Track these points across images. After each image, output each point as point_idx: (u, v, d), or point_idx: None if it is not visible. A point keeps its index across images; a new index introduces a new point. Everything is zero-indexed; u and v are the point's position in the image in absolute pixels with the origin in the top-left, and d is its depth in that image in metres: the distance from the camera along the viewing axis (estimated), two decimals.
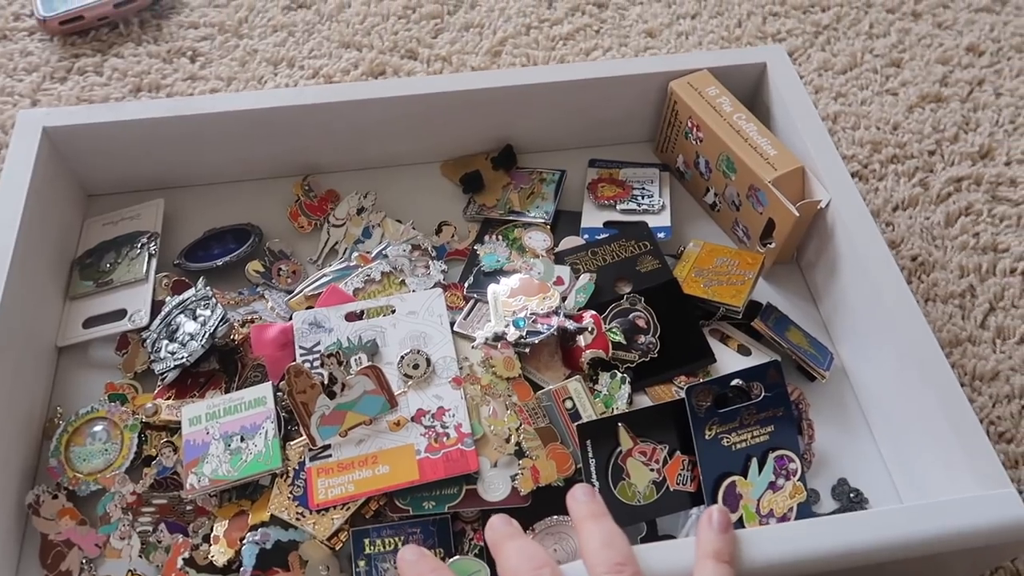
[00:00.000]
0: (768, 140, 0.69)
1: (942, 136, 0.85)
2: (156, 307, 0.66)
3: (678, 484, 0.56)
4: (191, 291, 0.65)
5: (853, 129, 0.85)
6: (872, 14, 0.97)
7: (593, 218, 0.73)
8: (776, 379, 0.57)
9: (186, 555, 0.54)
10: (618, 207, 0.73)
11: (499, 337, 0.62)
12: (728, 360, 0.64)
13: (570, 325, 0.62)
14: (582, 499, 0.48)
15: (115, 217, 0.72)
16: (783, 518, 0.56)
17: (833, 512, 0.59)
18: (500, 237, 0.71)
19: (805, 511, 0.57)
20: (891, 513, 0.49)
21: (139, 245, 0.69)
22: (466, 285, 0.68)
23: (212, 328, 0.61)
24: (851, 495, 0.60)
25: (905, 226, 0.78)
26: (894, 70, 0.92)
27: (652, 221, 0.72)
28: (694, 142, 0.73)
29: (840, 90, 0.89)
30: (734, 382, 0.57)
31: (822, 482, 0.61)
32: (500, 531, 0.47)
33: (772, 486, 0.56)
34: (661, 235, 0.70)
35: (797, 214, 0.65)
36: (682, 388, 0.62)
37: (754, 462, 0.56)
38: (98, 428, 0.60)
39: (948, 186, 0.81)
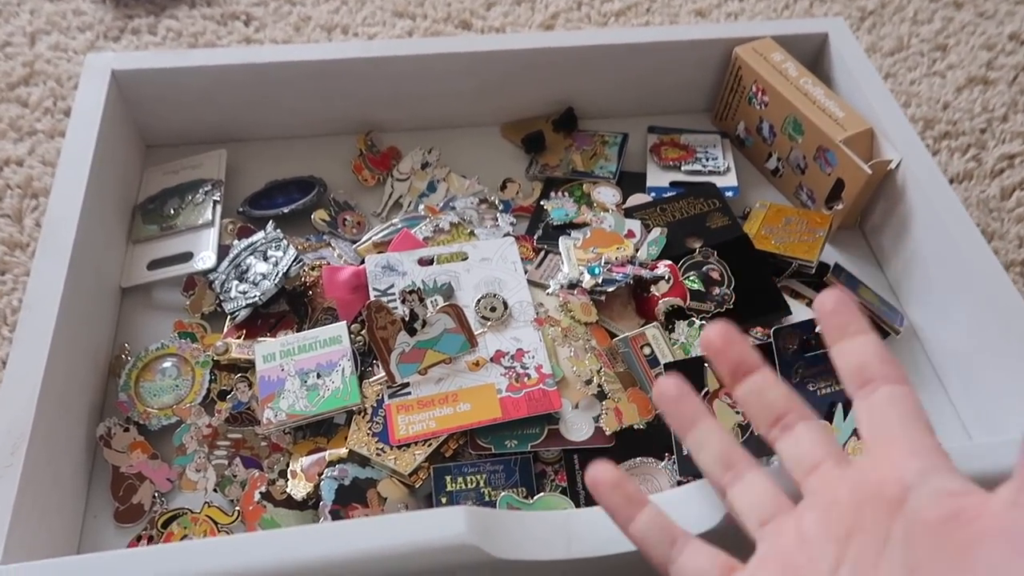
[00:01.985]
0: (835, 103, 0.69)
1: (992, 116, 0.86)
2: (222, 252, 0.65)
3: None
4: (260, 234, 0.64)
5: (904, 107, 0.86)
6: (915, 2, 0.98)
7: (659, 178, 0.73)
8: None
9: (263, 489, 0.53)
10: (683, 168, 0.73)
11: (574, 284, 0.62)
12: (801, 315, 0.64)
13: (646, 274, 0.62)
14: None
15: (176, 167, 0.72)
16: None
17: None
18: (567, 193, 0.71)
19: None
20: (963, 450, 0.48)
21: (203, 192, 0.68)
22: (536, 238, 0.67)
23: (286, 267, 0.60)
24: None
25: (962, 198, 0.78)
26: (940, 54, 0.93)
27: (719, 182, 0.71)
28: (758, 107, 0.74)
29: (889, 71, 0.90)
30: (819, 328, 0.57)
31: None
32: None
33: (856, 434, 0.56)
34: (729, 194, 0.70)
35: (869, 172, 0.65)
36: (758, 338, 0.62)
37: (839, 408, 0.56)
38: (168, 364, 0.59)
39: (1001, 162, 0.82)
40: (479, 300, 0.60)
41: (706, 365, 0.55)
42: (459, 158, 0.75)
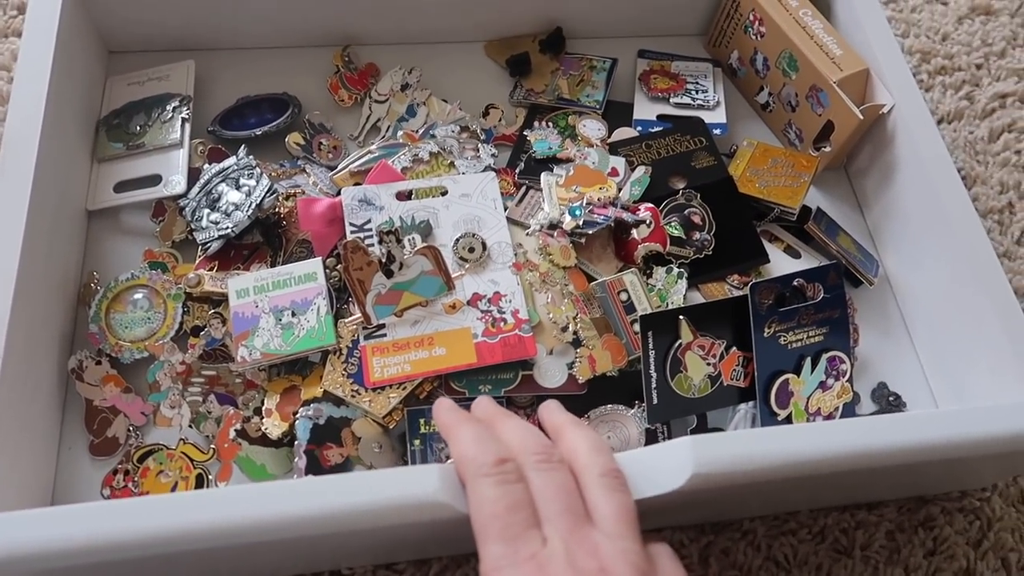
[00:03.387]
0: (834, 39, 0.67)
1: (990, 50, 0.83)
2: (192, 174, 0.62)
3: (732, 379, 0.56)
4: (232, 159, 0.62)
5: (903, 37, 0.83)
6: None
7: (646, 110, 0.70)
8: (835, 281, 0.57)
9: (238, 427, 0.54)
10: (672, 100, 0.71)
11: (554, 225, 0.61)
12: (778, 261, 0.64)
13: (627, 217, 0.61)
14: (556, 408, 0.47)
15: (141, 77, 0.68)
16: (828, 417, 0.57)
17: (873, 414, 0.61)
18: (551, 124, 0.69)
19: (849, 411, 0.58)
20: (930, 417, 0.49)
21: (171, 108, 0.65)
22: (517, 172, 0.66)
23: (259, 199, 0.59)
24: (890, 398, 0.61)
25: (950, 139, 0.77)
26: None
27: (707, 117, 0.70)
28: (754, 37, 0.71)
29: None
30: (796, 282, 0.57)
31: (862, 385, 0.62)
32: (489, 410, 0.46)
33: (822, 385, 0.57)
34: (717, 131, 0.69)
35: (861, 117, 0.64)
36: (735, 286, 0.62)
37: (807, 361, 0.57)
38: (139, 296, 0.58)
39: (993, 101, 0.80)
40: (457, 240, 0.59)
41: (680, 318, 0.55)
42: (441, 78, 0.72)
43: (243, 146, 0.62)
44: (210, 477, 0.53)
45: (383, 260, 0.55)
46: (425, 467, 0.43)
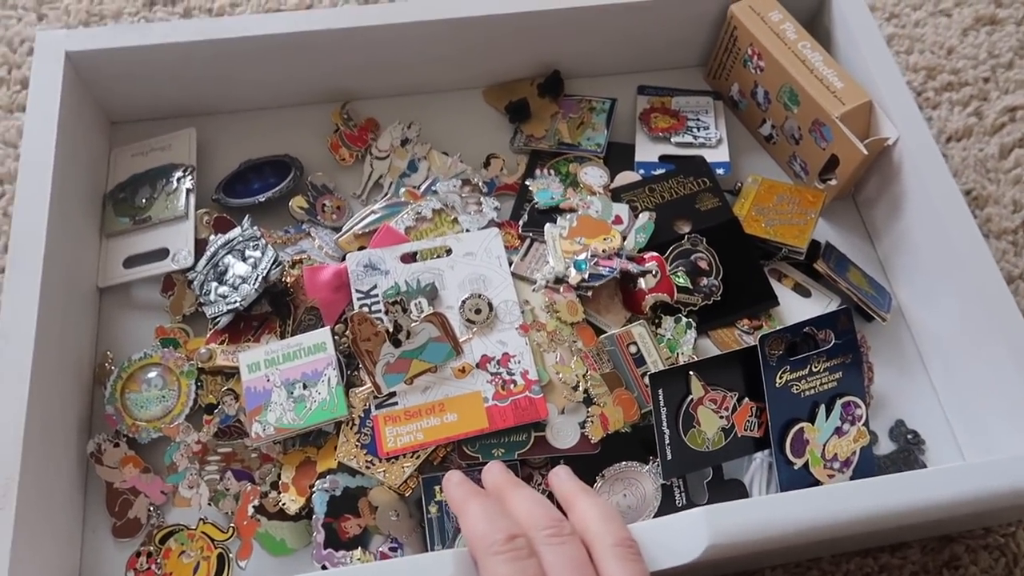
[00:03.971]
0: (834, 71, 0.66)
1: (997, 62, 0.82)
2: (199, 245, 0.63)
3: (746, 430, 0.56)
4: (237, 230, 0.62)
5: (907, 53, 0.82)
6: None
7: (647, 151, 0.70)
8: (847, 326, 0.57)
9: (256, 503, 0.54)
10: (673, 140, 0.70)
11: (560, 280, 0.61)
12: (788, 302, 0.64)
13: (633, 268, 0.61)
14: (566, 477, 0.48)
15: (144, 148, 0.69)
16: (846, 462, 0.57)
17: (891, 453, 0.60)
18: (552, 171, 0.69)
19: (867, 454, 0.58)
20: (950, 473, 0.48)
21: (175, 179, 0.65)
22: (521, 224, 0.66)
23: (265, 271, 0.59)
24: (908, 436, 0.61)
25: (959, 159, 0.76)
26: None
27: (709, 156, 0.69)
28: (753, 71, 0.70)
29: (893, 10, 0.85)
30: (806, 329, 0.56)
31: (879, 423, 0.61)
32: (499, 479, 0.47)
33: (838, 431, 0.57)
34: (720, 171, 0.68)
35: (865, 152, 0.63)
36: (745, 331, 0.62)
37: (822, 408, 0.56)
38: (152, 374, 0.58)
39: (1003, 116, 0.79)
40: (464, 302, 0.59)
41: (691, 373, 0.55)
42: (440, 128, 0.72)
43: (247, 215, 0.63)
44: (231, 556, 0.53)
45: (390, 330, 0.56)
46: (439, 555, 0.43)
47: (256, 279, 0.59)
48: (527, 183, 0.68)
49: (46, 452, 0.51)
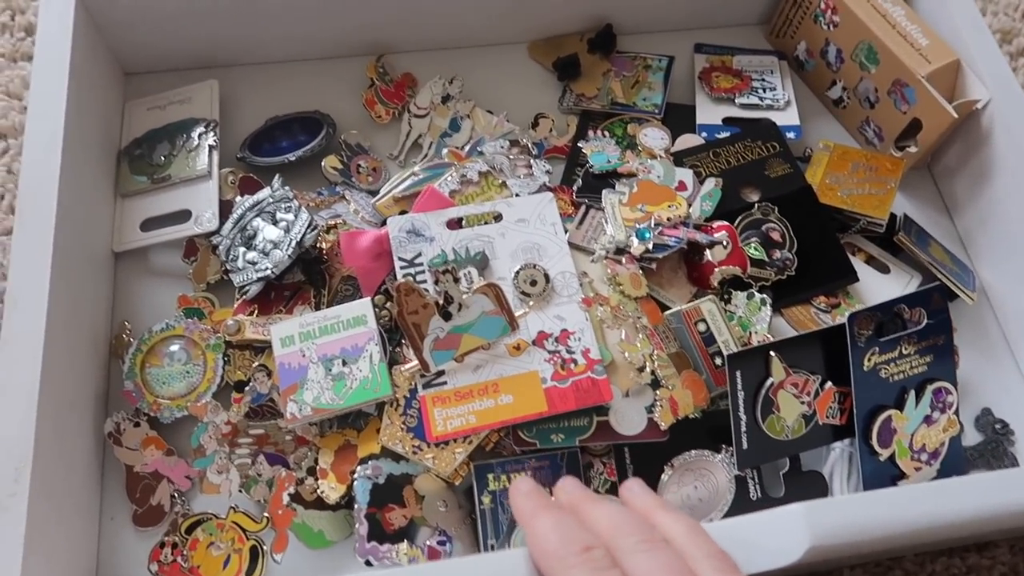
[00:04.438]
0: (918, 27, 0.60)
1: None
2: (223, 207, 0.58)
3: (828, 417, 0.51)
4: (266, 191, 0.57)
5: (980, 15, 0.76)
6: None
7: (710, 113, 0.65)
8: (940, 305, 0.52)
9: (291, 490, 0.49)
10: (737, 101, 0.65)
11: (621, 250, 0.56)
12: (866, 278, 0.58)
13: (701, 238, 0.56)
14: (640, 491, 0.40)
15: (161, 101, 0.63)
16: (934, 453, 0.52)
17: (978, 444, 0.56)
18: (606, 132, 0.63)
19: (956, 445, 0.53)
20: None
21: (196, 135, 0.60)
22: (575, 189, 0.60)
23: (299, 235, 0.54)
24: (996, 426, 0.56)
25: None
26: None
27: (778, 118, 0.64)
28: (825, 27, 0.64)
29: None
30: (896, 308, 0.51)
31: (965, 412, 0.56)
32: (574, 494, 0.40)
33: (927, 420, 0.52)
34: (790, 135, 0.63)
35: (955, 115, 0.58)
36: (822, 309, 0.57)
37: (911, 394, 0.51)
38: (175, 347, 0.53)
39: None
40: (517, 272, 0.54)
41: (772, 354, 0.50)
42: (484, 86, 0.66)
43: (277, 175, 0.57)
44: (265, 548, 0.49)
45: (440, 302, 0.50)
46: (505, 556, 0.38)
47: (289, 244, 0.54)
48: (579, 145, 0.62)
49: (60, 432, 0.46)
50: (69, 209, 0.51)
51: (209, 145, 0.59)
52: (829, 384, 0.51)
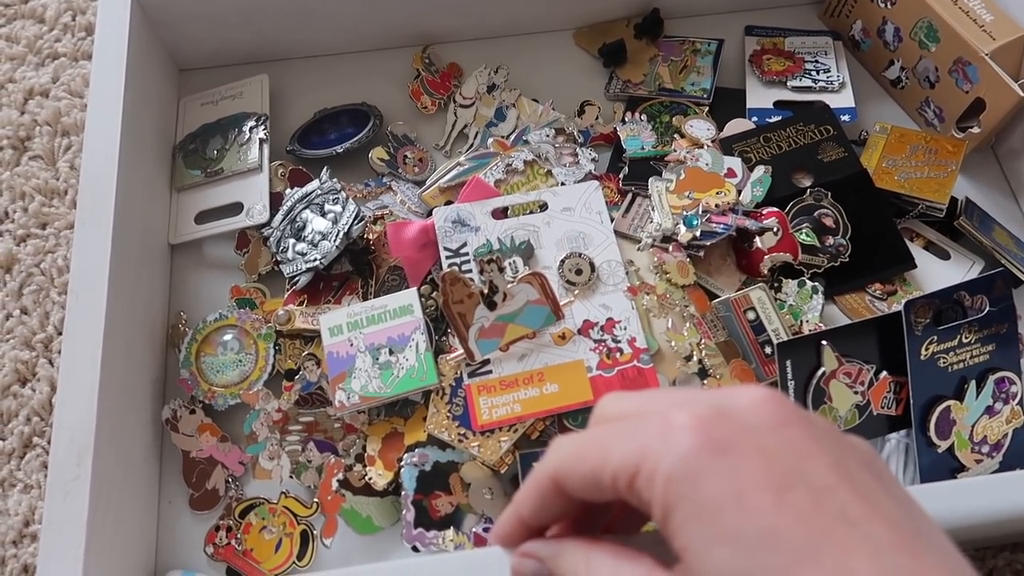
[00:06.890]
0: (982, 2, 0.58)
1: None
2: (274, 199, 0.59)
3: (883, 408, 0.50)
4: (315, 183, 0.57)
5: None
6: None
7: (760, 97, 0.63)
8: (1003, 292, 0.50)
9: (340, 476, 0.50)
10: (789, 84, 0.63)
11: (668, 238, 0.55)
12: (924, 264, 0.57)
13: (751, 224, 0.55)
14: None
15: (214, 96, 0.64)
16: (996, 445, 0.50)
17: None
18: (644, 115, 0.62)
19: (1020, 436, 0.51)
20: None
21: (247, 129, 0.61)
22: (621, 177, 0.59)
23: (346, 226, 0.54)
24: None
25: None
26: None
27: (832, 101, 0.62)
28: (882, 4, 0.62)
29: None
30: (956, 296, 0.50)
31: None
32: None
33: (989, 410, 0.50)
34: (845, 118, 0.61)
35: (1021, 94, 0.55)
36: (877, 296, 0.55)
37: (971, 384, 0.50)
38: (228, 337, 0.54)
39: None
40: (563, 261, 0.54)
41: (824, 343, 0.48)
42: (529, 74, 0.66)
43: (325, 168, 0.58)
44: (315, 533, 0.50)
45: (485, 291, 0.51)
46: None
47: (337, 235, 0.54)
48: (615, 127, 0.61)
49: (120, 418, 0.48)
50: (127, 203, 0.53)
51: (260, 139, 0.60)
52: (884, 373, 0.50)
